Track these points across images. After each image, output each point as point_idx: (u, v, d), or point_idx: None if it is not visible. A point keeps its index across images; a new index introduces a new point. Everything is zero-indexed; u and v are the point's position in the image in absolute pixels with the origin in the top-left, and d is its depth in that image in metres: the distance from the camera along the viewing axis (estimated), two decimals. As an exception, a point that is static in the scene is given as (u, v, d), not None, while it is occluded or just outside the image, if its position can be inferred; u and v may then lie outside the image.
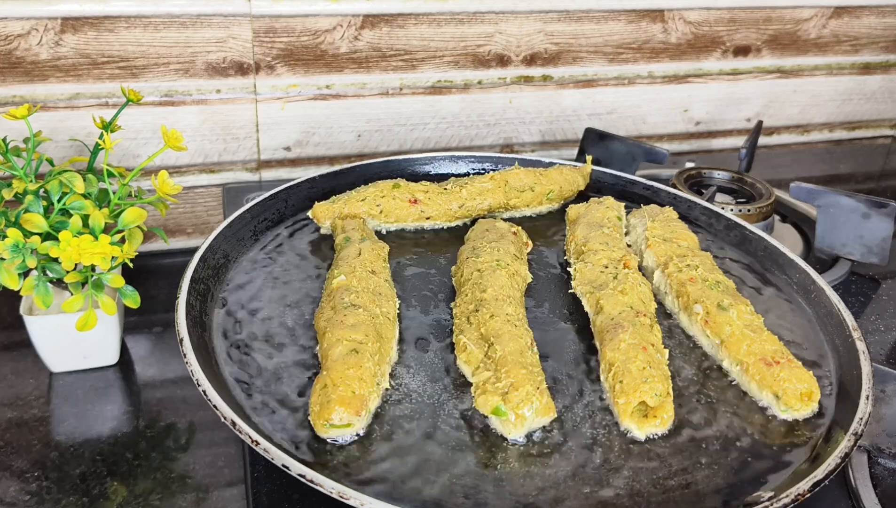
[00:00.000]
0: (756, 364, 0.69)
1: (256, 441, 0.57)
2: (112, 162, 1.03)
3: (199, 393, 0.61)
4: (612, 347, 0.69)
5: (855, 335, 0.74)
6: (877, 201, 1.00)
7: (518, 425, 0.62)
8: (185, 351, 0.66)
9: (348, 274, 0.75)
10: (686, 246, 0.85)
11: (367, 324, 0.68)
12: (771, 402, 0.68)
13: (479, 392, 0.64)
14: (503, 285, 0.76)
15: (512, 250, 0.83)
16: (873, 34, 1.42)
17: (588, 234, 0.86)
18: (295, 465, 0.56)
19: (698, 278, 0.79)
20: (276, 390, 0.67)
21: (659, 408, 0.65)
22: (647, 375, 0.66)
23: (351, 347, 0.65)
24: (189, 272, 0.76)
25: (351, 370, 0.63)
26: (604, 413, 0.67)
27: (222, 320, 0.75)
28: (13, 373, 0.81)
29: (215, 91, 1.08)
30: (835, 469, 0.59)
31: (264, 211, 0.91)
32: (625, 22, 1.24)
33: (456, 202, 0.94)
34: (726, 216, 0.97)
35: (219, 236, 0.83)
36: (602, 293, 0.76)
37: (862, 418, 0.64)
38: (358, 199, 0.91)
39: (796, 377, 0.67)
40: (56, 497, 0.67)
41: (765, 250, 0.91)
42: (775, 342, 0.72)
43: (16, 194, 0.74)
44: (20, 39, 0.97)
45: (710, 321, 0.74)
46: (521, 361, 0.65)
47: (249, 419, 0.62)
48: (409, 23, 1.13)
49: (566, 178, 1.01)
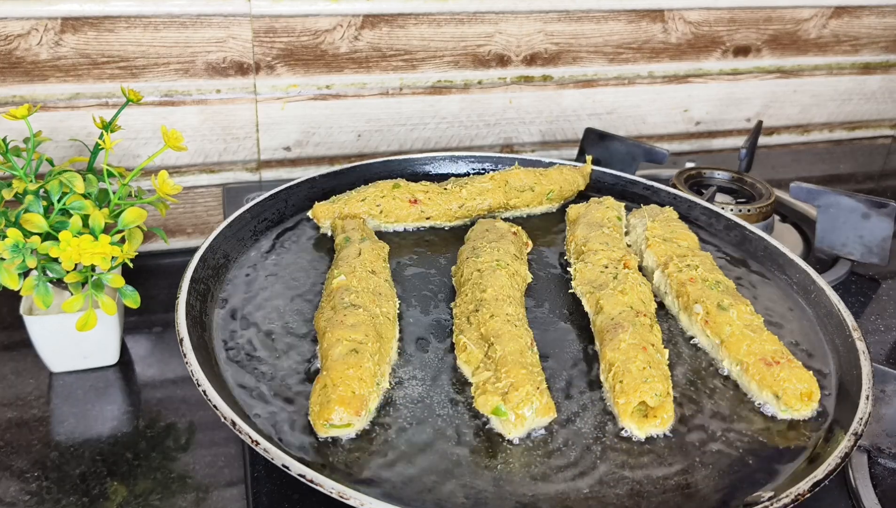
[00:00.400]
0: (756, 364, 0.69)
1: (256, 441, 0.57)
2: (112, 162, 1.03)
3: (199, 393, 0.61)
4: (612, 347, 0.69)
5: (855, 335, 0.74)
6: (877, 201, 1.00)
7: (518, 425, 0.62)
8: (185, 351, 0.66)
9: (348, 274, 0.75)
10: (686, 246, 0.85)
11: (367, 324, 0.68)
12: (771, 402, 0.68)
13: (479, 392, 0.64)
14: (503, 285, 0.76)
15: (512, 250, 0.83)
16: (873, 34, 1.42)
17: (588, 234, 0.86)
18: (295, 465, 0.56)
19: (698, 278, 0.79)
20: (276, 389, 0.67)
21: (659, 408, 0.65)
22: (647, 375, 0.66)
23: (351, 347, 0.65)
24: (189, 272, 0.76)
25: (351, 370, 0.63)
26: (604, 413, 0.67)
27: (222, 320, 0.75)
28: (13, 373, 0.81)
29: (215, 91, 1.08)
30: (835, 469, 0.59)
31: (264, 211, 0.91)
32: (625, 22, 1.24)
33: (456, 202, 0.94)
34: (726, 216, 0.97)
35: (219, 236, 0.83)
36: (602, 293, 0.76)
37: (862, 418, 0.64)
38: (358, 199, 0.91)
39: (796, 377, 0.67)
40: (56, 497, 0.67)
41: (765, 249, 0.91)
42: (775, 342, 0.71)
43: (16, 193, 0.74)
44: (20, 39, 0.97)
45: (710, 321, 0.74)
46: (521, 361, 0.65)
47: (249, 419, 0.62)
48: (409, 23, 1.13)
49: (566, 178, 1.01)
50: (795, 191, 1.04)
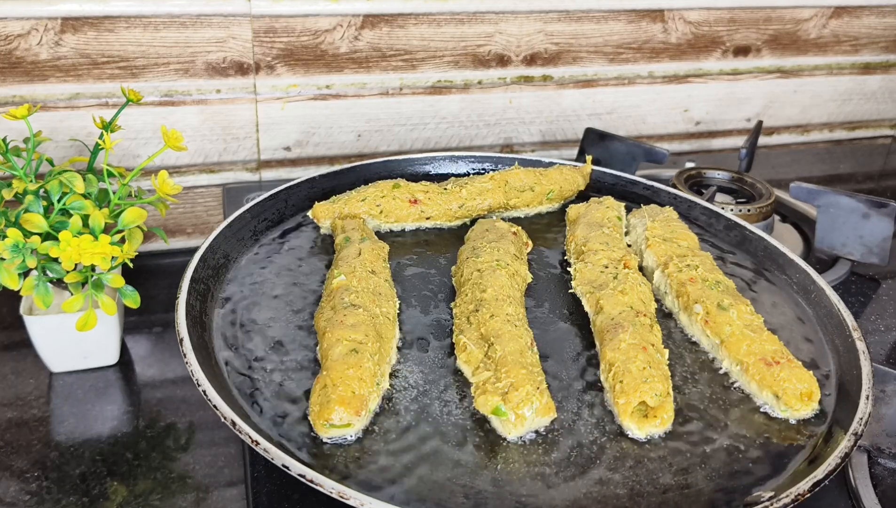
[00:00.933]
0: (756, 364, 0.69)
1: (256, 441, 0.57)
2: (112, 162, 1.03)
3: (199, 393, 0.61)
4: (612, 347, 0.69)
5: (855, 334, 0.74)
6: (877, 200, 1.00)
7: (518, 425, 0.62)
8: (185, 351, 0.66)
9: (348, 274, 0.75)
10: (686, 246, 0.85)
11: (366, 324, 0.68)
12: (771, 402, 0.68)
13: (479, 392, 0.64)
14: (503, 285, 0.75)
15: (512, 249, 0.83)
16: (873, 34, 1.42)
17: (588, 234, 0.86)
18: (295, 465, 0.56)
19: (698, 278, 0.79)
20: (276, 390, 0.67)
21: (659, 408, 0.65)
22: (647, 375, 0.66)
23: (351, 347, 0.65)
24: (189, 272, 0.76)
25: (351, 369, 0.63)
26: (604, 413, 0.67)
27: (222, 320, 0.75)
28: (13, 373, 0.81)
29: (215, 91, 1.08)
30: (835, 469, 0.59)
31: (264, 211, 0.91)
32: (625, 22, 1.24)
33: (456, 202, 0.94)
34: (726, 216, 0.97)
35: (219, 236, 0.83)
36: (602, 293, 0.76)
37: (862, 418, 0.64)
38: (358, 199, 0.91)
39: (796, 377, 0.67)
40: (56, 497, 0.67)
41: (765, 250, 0.91)
42: (775, 342, 0.71)
43: (16, 193, 0.74)
44: (20, 39, 0.97)
45: (711, 321, 0.74)
46: (521, 361, 0.65)
47: (249, 418, 0.62)
48: (409, 23, 1.13)
49: (566, 178, 1.01)
50: (795, 191, 1.04)
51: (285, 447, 0.60)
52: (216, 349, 0.71)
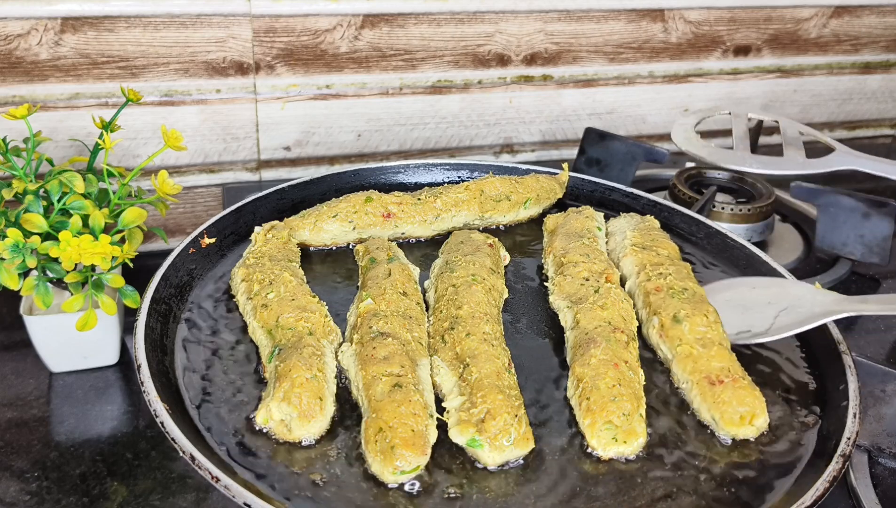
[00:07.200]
0: (700, 383, 0.66)
1: (217, 478, 0.55)
2: (112, 162, 1.03)
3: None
4: (581, 362, 0.66)
5: (841, 348, 0.72)
6: (877, 200, 1.00)
7: (494, 455, 0.60)
8: (142, 378, 0.63)
9: (377, 297, 0.72)
10: (665, 255, 0.82)
11: (400, 354, 0.65)
12: (712, 424, 0.65)
13: (454, 421, 0.61)
14: (479, 302, 0.72)
15: (488, 263, 0.79)
16: (873, 34, 1.42)
17: (567, 245, 0.83)
18: (257, 503, 0.54)
19: (664, 287, 0.75)
20: (238, 416, 0.64)
21: (629, 431, 0.62)
22: (615, 393, 0.62)
23: (392, 382, 0.62)
24: (149, 293, 0.72)
25: (402, 406, 0.59)
26: (580, 434, 0.64)
27: (184, 341, 0.72)
28: (13, 373, 0.81)
29: (215, 91, 1.08)
30: (823, 494, 0.57)
31: (229, 225, 0.87)
32: (625, 21, 1.24)
33: (431, 213, 0.90)
34: (707, 224, 0.94)
35: (182, 252, 0.80)
36: (580, 307, 0.73)
37: (850, 437, 0.62)
38: (329, 215, 0.87)
39: (738, 399, 0.64)
40: (56, 497, 0.67)
41: (747, 258, 0.88)
42: (724, 359, 0.68)
43: (16, 193, 0.74)
44: (20, 39, 0.97)
45: (664, 335, 0.72)
46: (497, 384, 0.63)
47: (212, 451, 0.60)
48: (409, 22, 1.13)
49: (542, 186, 0.97)
50: (796, 190, 1.04)
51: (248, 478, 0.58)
52: (178, 373, 0.68)
